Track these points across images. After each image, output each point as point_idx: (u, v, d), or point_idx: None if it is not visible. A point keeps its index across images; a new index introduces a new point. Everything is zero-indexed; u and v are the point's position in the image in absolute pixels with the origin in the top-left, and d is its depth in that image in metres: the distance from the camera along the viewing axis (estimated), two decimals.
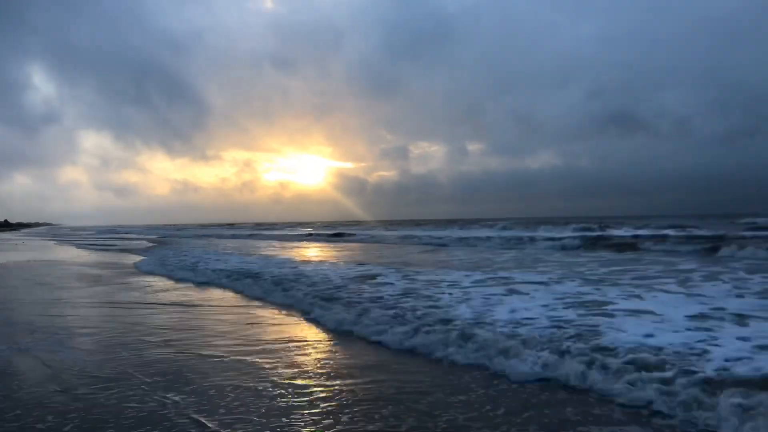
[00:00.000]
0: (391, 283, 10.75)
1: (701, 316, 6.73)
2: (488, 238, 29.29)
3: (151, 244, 35.03)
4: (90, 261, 20.94)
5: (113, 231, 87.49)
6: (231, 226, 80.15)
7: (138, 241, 42.61)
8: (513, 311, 7.43)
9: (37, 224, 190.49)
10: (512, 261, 16.33)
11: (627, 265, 13.95)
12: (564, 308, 7.54)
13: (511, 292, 9.19)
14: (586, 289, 9.37)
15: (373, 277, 12.02)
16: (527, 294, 8.93)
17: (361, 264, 15.67)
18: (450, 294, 9.12)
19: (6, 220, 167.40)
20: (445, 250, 24.30)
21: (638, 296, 8.39)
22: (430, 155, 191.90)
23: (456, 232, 37.61)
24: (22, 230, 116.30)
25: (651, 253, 18.39)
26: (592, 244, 22.90)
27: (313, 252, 24.97)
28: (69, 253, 26.59)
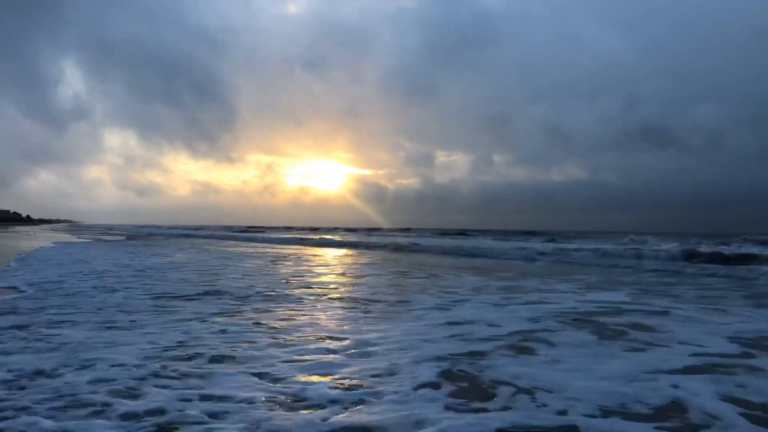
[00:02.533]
0: None
1: None
2: (595, 250, 21.53)
3: (111, 239, 33.80)
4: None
5: (115, 228, 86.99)
6: (251, 229, 78.82)
7: (115, 236, 41.87)
8: None
9: (58, 221, 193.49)
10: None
11: None
12: None
13: None
14: None
15: None
16: None
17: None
18: None
19: (28, 216, 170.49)
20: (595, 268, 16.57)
21: None
22: (453, 164, 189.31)
23: (533, 244, 29.74)
24: (41, 225, 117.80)
25: None
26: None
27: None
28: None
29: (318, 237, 44.29)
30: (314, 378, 4.17)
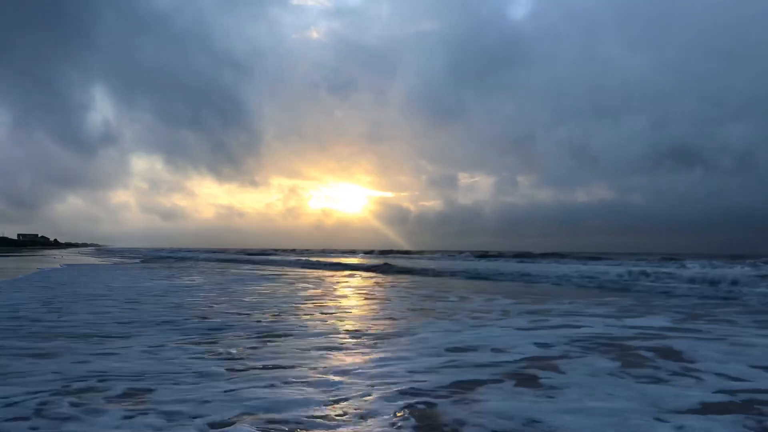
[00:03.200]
0: None
1: None
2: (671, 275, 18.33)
3: (129, 261, 33.21)
4: None
5: (140, 251, 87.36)
6: (268, 251, 78.09)
7: (132, 259, 40.79)
8: None
9: (84, 245, 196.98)
10: None
11: None
12: None
13: None
14: None
15: None
16: None
17: None
18: None
19: (56, 240, 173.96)
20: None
21: None
22: (476, 186, 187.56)
23: (577, 268, 25.76)
24: (68, 249, 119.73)
25: None
26: None
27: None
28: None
29: (350, 261, 38.86)
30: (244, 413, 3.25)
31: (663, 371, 4.54)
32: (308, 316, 8.00)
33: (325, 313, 8.37)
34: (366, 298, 11.30)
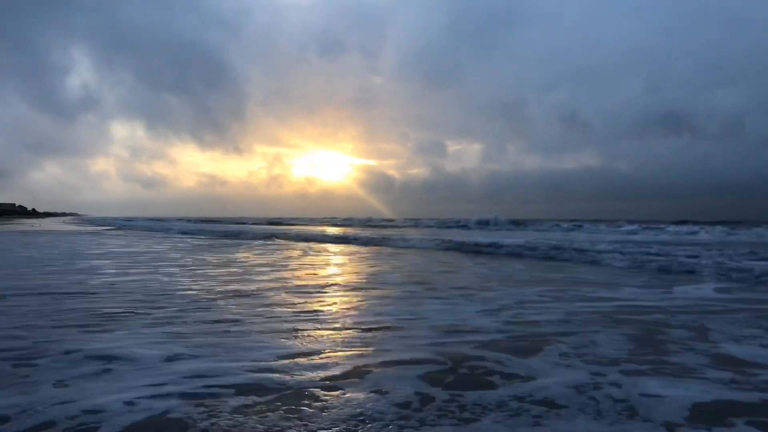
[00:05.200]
0: None
1: None
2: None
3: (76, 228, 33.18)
4: None
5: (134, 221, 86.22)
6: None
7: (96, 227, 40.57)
8: None
9: (63, 214, 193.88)
10: None
11: None
12: None
13: None
14: None
15: None
16: None
17: None
18: None
19: (33, 209, 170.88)
20: None
21: None
22: (464, 152, 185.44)
23: (582, 235, 26.16)
24: (47, 218, 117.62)
25: None
26: None
27: None
28: None
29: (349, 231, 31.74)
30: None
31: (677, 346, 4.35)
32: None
33: None
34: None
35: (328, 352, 3.86)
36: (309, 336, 4.36)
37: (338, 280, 8.46)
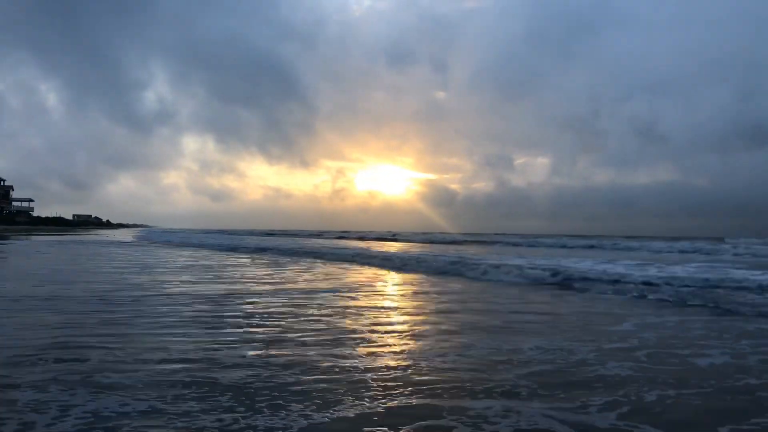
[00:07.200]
0: None
1: None
2: None
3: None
4: None
5: (174, 232, 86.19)
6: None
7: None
8: None
9: (135, 225, 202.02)
10: None
11: None
12: None
13: None
14: None
15: None
16: None
17: None
18: None
19: (108, 220, 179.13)
20: None
21: None
22: (530, 166, 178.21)
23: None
24: (119, 229, 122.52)
25: None
26: None
27: None
28: None
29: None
30: None
31: None
32: None
33: None
34: None
35: None
36: None
37: None
